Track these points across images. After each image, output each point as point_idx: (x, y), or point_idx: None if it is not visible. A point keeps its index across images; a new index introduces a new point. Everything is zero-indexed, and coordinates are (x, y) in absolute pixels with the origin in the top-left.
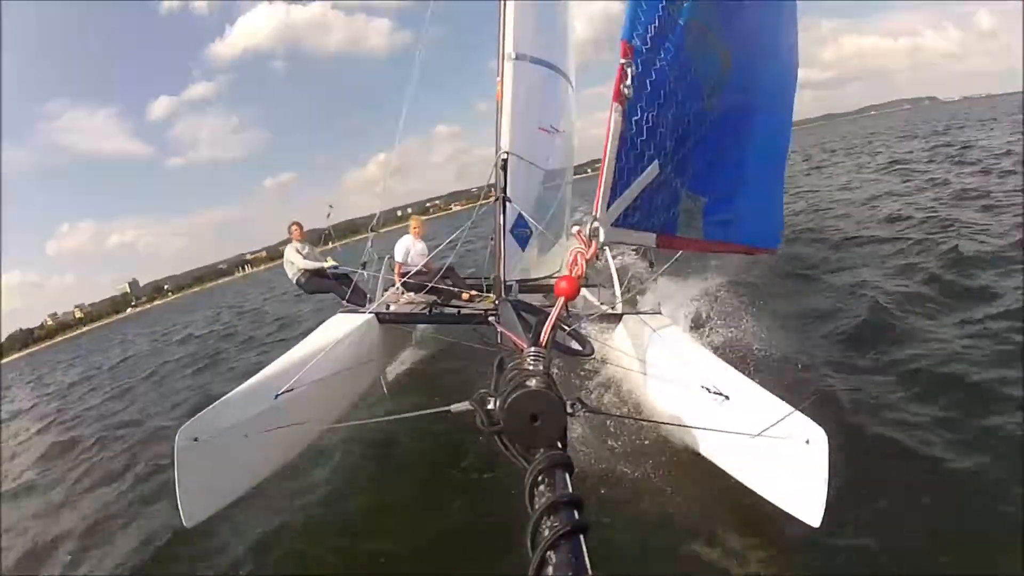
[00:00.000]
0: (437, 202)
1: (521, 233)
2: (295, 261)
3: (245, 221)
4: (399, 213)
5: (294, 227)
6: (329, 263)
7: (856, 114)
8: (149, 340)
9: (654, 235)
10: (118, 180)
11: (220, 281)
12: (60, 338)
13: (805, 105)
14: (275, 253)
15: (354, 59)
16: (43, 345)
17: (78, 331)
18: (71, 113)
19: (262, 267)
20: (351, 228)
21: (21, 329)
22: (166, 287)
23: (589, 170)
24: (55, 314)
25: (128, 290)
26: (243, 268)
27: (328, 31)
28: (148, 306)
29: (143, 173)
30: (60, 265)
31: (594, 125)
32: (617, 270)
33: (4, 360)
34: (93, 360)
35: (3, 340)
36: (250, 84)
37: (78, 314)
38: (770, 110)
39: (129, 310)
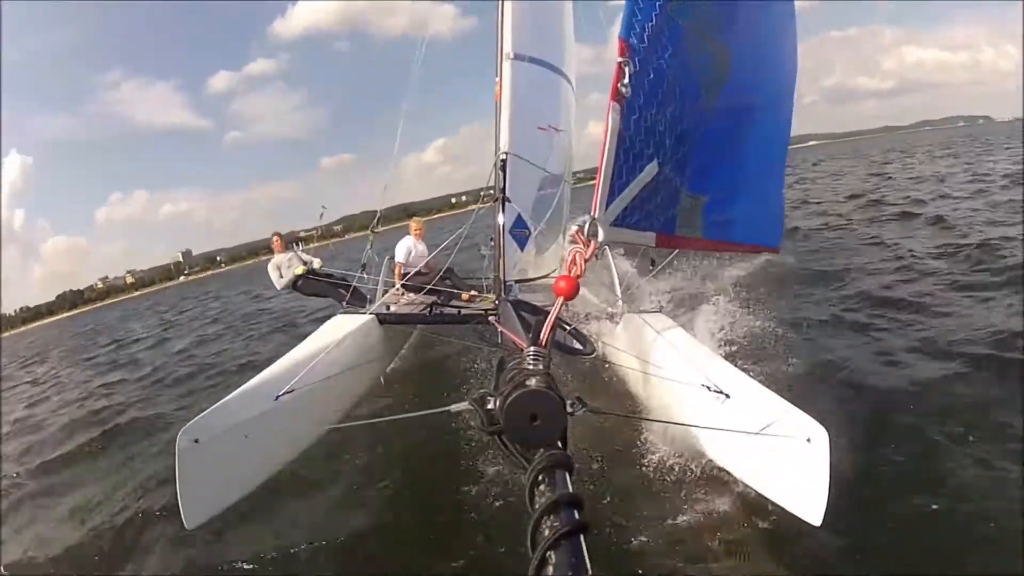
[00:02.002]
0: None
1: (520, 234)
2: (274, 282)
3: (301, 199)
4: (464, 198)
5: (275, 239)
6: (300, 269)
7: (913, 128)
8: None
9: (654, 235)
10: (175, 152)
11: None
12: (111, 300)
13: (865, 116)
14: (329, 233)
15: (417, 43)
16: (96, 305)
17: (130, 295)
18: (129, 84)
19: (314, 244)
20: (407, 212)
21: (72, 290)
22: (219, 258)
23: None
24: (106, 278)
25: (181, 259)
26: (297, 245)
27: (391, 14)
28: (201, 275)
29: (200, 146)
30: (110, 233)
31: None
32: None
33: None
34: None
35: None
36: (311, 63)
37: (129, 279)
38: (770, 110)
39: (181, 278)
